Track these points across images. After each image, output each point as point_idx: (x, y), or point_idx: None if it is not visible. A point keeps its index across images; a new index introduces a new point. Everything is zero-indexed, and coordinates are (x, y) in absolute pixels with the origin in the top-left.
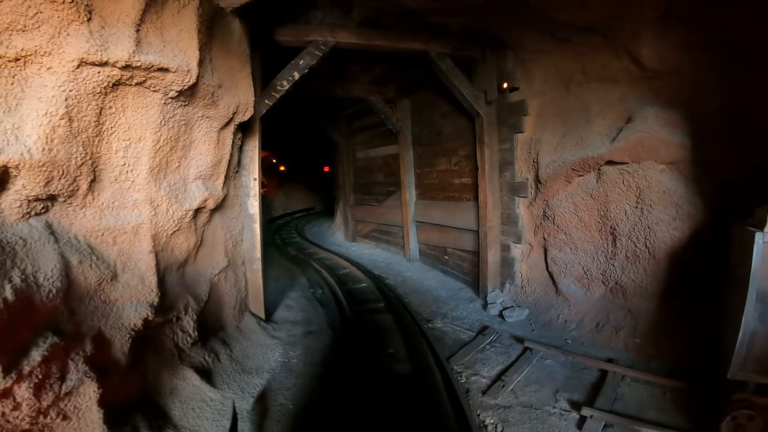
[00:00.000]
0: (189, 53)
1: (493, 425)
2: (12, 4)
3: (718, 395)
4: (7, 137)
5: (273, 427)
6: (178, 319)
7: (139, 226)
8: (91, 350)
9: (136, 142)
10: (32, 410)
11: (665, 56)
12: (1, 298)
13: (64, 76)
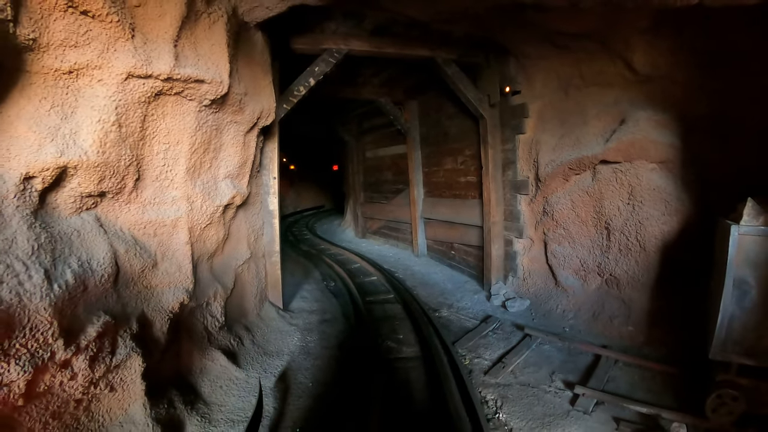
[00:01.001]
0: (221, 66)
1: (494, 401)
2: (65, 23)
3: (704, 377)
4: (66, 141)
5: (294, 402)
6: (208, 304)
7: (177, 220)
8: (136, 329)
9: (174, 145)
10: (86, 380)
11: (656, 62)
12: (64, 281)
13: (114, 87)
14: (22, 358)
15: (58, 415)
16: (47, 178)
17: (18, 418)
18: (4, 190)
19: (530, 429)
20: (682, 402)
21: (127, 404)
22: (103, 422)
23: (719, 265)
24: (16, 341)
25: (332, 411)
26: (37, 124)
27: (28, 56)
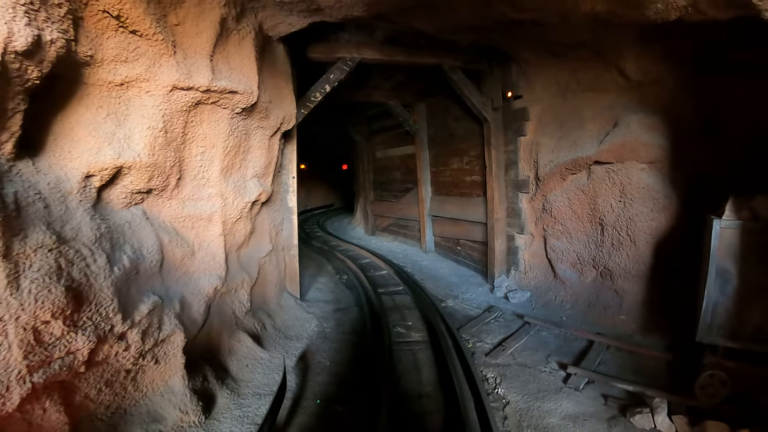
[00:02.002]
0: (251, 77)
1: (493, 378)
2: (117, 41)
3: (690, 361)
4: (121, 145)
5: (314, 379)
6: (236, 291)
7: (212, 214)
8: (178, 309)
9: (210, 148)
10: (137, 351)
11: (646, 69)
12: (121, 264)
13: (161, 98)
14: (88, 329)
15: (110, 384)
16: (105, 177)
17: (78, 384)
18: (68, 186)
19: (525, 402)
20: (667, 383)
21: (168, 376)
22: (146, 392)
23: (704, 255)
24: (83, 314)
25: (348, 386)
26: (96, 130)
27: (86, 70)
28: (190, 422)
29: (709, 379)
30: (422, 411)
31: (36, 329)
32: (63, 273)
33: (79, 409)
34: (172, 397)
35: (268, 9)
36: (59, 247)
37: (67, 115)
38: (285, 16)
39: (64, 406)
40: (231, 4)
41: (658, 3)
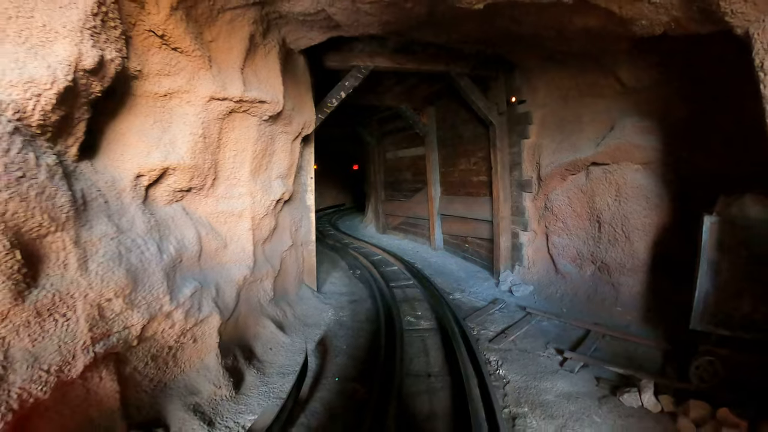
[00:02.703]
0: (276, 88)
1: (495, 361)
2: (160, 57)
3: (682, 348)
4: (167, 148)
5: (332, 360)
6: (261, 281)
7: (243, 211)
8: (214, 294)
9: (241, 151)
10: (180, 330)
11: (640, 76)
12: (168, 252)
13: (200, 107)
14: (142, 307)
15: (155, 358)
16: (152, 177)
17: (129, 356)
18: (122, 185)
19: (524, 381)
20: (657, 368)
21: (204, 354)
22: (184, 368)
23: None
24: (139, 294)
25: (363, 367)
26: (145, 135)
27: (134, 83)
28: (222, 396)
29: (703, 365)
30: (430, 388)
31: (100, 306)
32: (123, 258)
33: (128, 380)
34: (206, 373)
35: (290, 25)
36: (119, 236)
37: (119, 122)
38: (306, 31)
39: (117, 376)
40: (258, 21)
41: (643, 20)
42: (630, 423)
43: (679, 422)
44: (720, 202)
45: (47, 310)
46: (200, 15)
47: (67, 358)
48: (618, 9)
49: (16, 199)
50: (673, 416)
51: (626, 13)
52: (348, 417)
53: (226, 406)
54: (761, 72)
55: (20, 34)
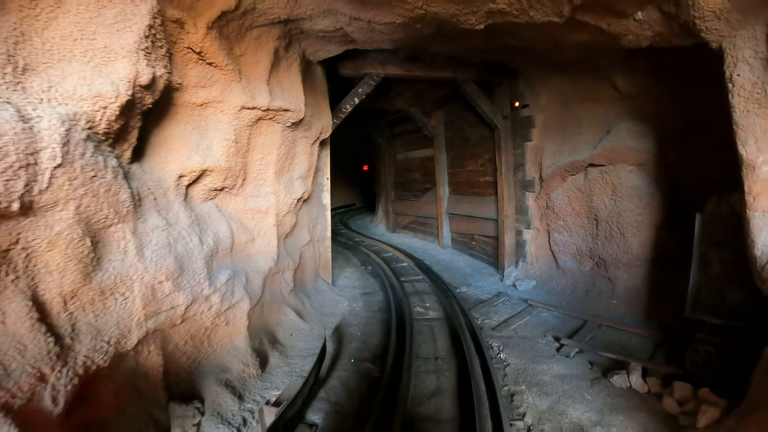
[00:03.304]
0: (298, 98)
1: (497, 346)
2: (197, 71)
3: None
4: (204, 152)
5: (348, 345)
6: (283, 272)
7: (268, 209)
8: (244, 282)
9: (266, 155)
10: (216, 312)
11: (635, 83)
12: (207, 244)
13: (232, 116)
14: (186, 290)
15: (193, 337)
16: (192, 177)
17: (172, 334)
18: (167, 184)
19: (523, 364)
20: (648, 354)
21: (234, 336)
22: (216, 348)
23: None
24: (184, 279)
25: (376, 350)
26: (185, 141)
27: (176, 94)
28: (250, 374)
29: (699, 352)
30: (437, 368)
31: (153, 287)
32: (171, 247)
33: (170, 356)
34: (236, 353)
35: (310, 39)
36: (168, 228)
37: (163, 129)
38: (324, 45)
39: (162, 351)
40: (282, 36)
41: (629, 35)
42: (618, 401)
43: (664, 401)
44: (711, 201)
45: (109, 289)
46: (231, 33)
47: (124, 331)
48: (606, 26)
49: (89, 195)
50: (659, 396)
51: (614, 30)
52: (363, 392)
53: (253, 383)
54: (730, 83)
55: (85, 54)
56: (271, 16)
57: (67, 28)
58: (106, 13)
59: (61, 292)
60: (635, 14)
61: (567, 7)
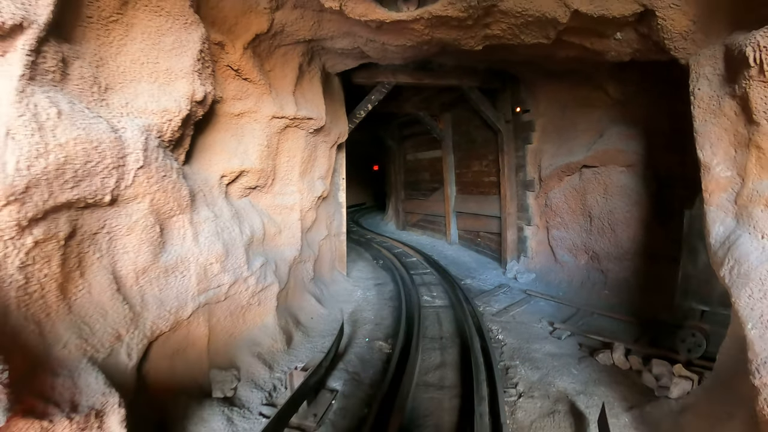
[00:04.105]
0: (320, 107)
1: (496, 329)
2: (234, 85)
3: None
4: (242, 156)
5: (362, 327)
6: (305, 262)
7: (294, 205)
8: (274, 268)
9: (292, 157)
10: (252, 292)
11: (625, 90)
12: (246, 234)
13: (264, 124)
14: (230, 271)
15: (232, 314)
16: (231, 177)
17: (216, 309)
18: (212, 182)
19: (518, 344)
20: (633, 338)
21: (264, 315)
22: (249, 325)
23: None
24: (228, 262)
25: (388, 332)
26: (226, 146)
27: (217, 106)
28: (277, 348)
29: (689, 337)
30: (442, 346)
31: (205, 267)
32: (219, 235)
33: (213, 329)
34: (266, 330)
35: (329, 54)
36: (216, 220)
37: (207, 136)
38: (342, 60)
39: (208, 323)
40: (305, 53)
41: (612, 51)
42: (601, 376)
43: (643, 376)
44: (699, 199)
45: (172, 268)
46: (262, 51)
47: (182, 303)
48: (590, 44)
49: (161, 191)
50: (639, 372)
51: (597, 47)
52: (376, 364)
53: (281, 356)
54: (692, 96)
55: (151, 75)
56: (297, 36)
57: (135, 53)
58: (165, 40)
59: (134, 269)
60: (615, 35)
61: (552, 32)
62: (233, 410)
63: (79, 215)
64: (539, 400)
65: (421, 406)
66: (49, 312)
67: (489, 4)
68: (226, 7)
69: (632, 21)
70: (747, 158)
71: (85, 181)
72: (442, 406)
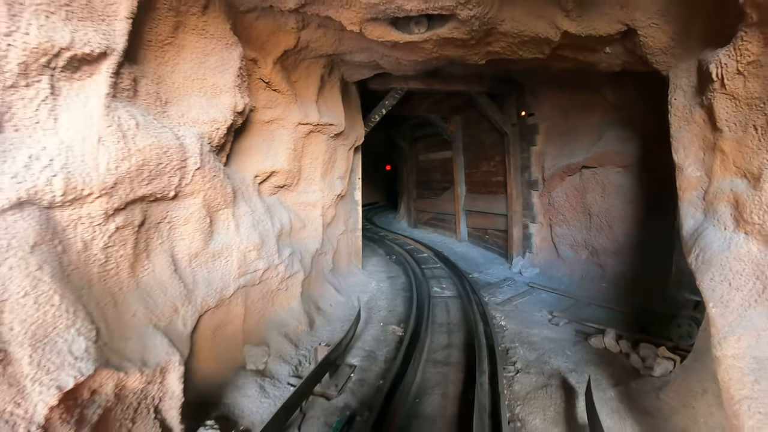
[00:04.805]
0: (339, 114)
1: (499, 317)
2: (265, 96)
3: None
4: (273, 159)
5: (377, 313)
6: (325, 254)
7: (316, 202)
8: (300, 258)
9: (315, 159)
10: (281, 278)
11: (622, 95)
12: (276, 227)
13: (292, 129)
14: (264, 258)
15: (263, 296)
16: (263, 177)
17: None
18: (247, 181)
19: (519, 329)
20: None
21: (291, 300)
22: (277, 308)
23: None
24: (263, 250)
25: (400, 318)
26: (258, 150)
27: (251, 114)
28: (302, 330)
29: (682, 326)
30: (449, 330)
31: (244, 254)
32: (256, 227)
33: (248, 309)
34: (292, 313)
35: (348, 66)
36: (252, 213)
37: (242, 141)
38: (359, 70)
39: (244, 304)
40: (327, 65)
41: (603, 63)
42: (593, 357)
43: (631, 358)
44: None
45: (218, 254)
46: (289, 64)
47: (225, 284)
48: (583, 57)
49: (212, 188)
50: (628, 355)
51: (589, 60)
52: (390, 344)
53: (305, 337)
54: (670, 105)
55: (200, 90)
56: (319, 51)
57: (186, 71)
58: (211, 59)
59: (188, 253)
60: (604, 49)
61: (547, 48)
62: (265, 380)
63: (148, 207)
64: (534, 376)
65: (429, 378)
66: (122, 287)
67: (489, 27)
68: (259, 27)
69: (618, 38)
70: (713, 160)
71: (157, 179)
72: (448, 378)
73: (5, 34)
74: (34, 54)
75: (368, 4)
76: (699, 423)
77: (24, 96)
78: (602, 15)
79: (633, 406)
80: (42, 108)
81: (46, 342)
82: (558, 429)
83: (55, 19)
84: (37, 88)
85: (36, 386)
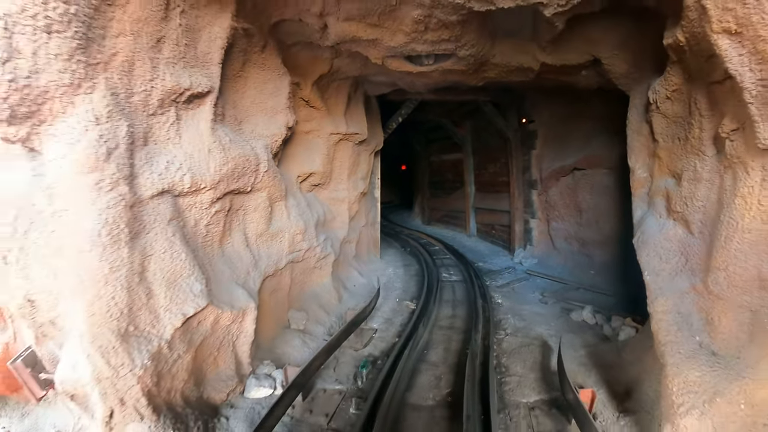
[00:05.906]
0: (363, 125)
1: (498, 296)
2: (304, 111)
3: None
4: (311, 163)
5: (392, 292)
6: (350, 242)
7: (343, 198)
8: (331, 244)
9: (342, 163)
10: (317, 258)
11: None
12: (315, 218)
13: (325, 139)
14: (306, 241)
15: (303, 271)
16: (303, 177)
17: (294, 268)
18: (292, 180)
19: (513, 305)
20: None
21: (324, 277)
22: (313, 283)
23: None
24: (306, 234)
25: (413, 296)
26: (300, 155)
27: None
28: (333, 302)
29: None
30: (454, 304)
31: (293, 237)
32: (301, 216)
33: (293, 281)
34: (325, 288)
35: (370, 84)
36: (298, 205)
37: (288, 148)
38: (379, 87)
39: (291, 276)
40: (353, 84)
41: (582, 82)
42: (572, 326)
43: (604, 328)
44: None
45: (275, 235)
46: (323, 85)
47: (280, 258)
48: (564, 78)
49: (273, 185)
50: (601, 326)
51: (570, 80)
52: (404, 314)
53: (335, 307)
54: (628, 120)
55: (262, 111)
56: (348, 74)
57: (251, 97)
58: (268, 86)
59: (255, 233)
60: (580, 73)
61: (531, 74)
62: (305, 336)
63: (234, 198)
64: (520, 338)
65: (435, 338)
66: (213, 254)
67: (483, 60)
68: (301, 57)
69: (589, 65)
70: (654, 164)
71: (242, 178)
72: (451, 338)
73: (150, 79)
74: (168, 93)
75: (389, 47)
76: (647, 371)
77: (160, 121)
78: (572, 49)
79: (598, 361)
80: (171, 129)
81: (176, 284)
82: (534, 374)
83: (179, 68)
84: (168, 115)
85: (167, 314)
